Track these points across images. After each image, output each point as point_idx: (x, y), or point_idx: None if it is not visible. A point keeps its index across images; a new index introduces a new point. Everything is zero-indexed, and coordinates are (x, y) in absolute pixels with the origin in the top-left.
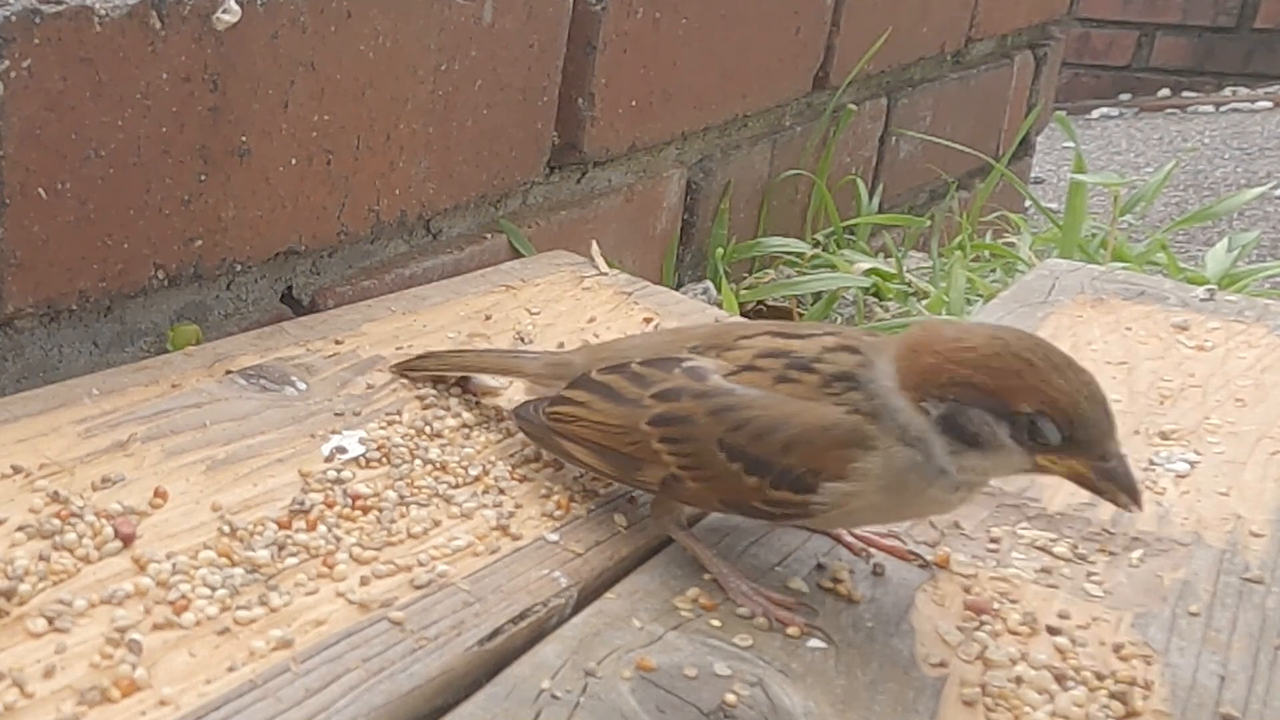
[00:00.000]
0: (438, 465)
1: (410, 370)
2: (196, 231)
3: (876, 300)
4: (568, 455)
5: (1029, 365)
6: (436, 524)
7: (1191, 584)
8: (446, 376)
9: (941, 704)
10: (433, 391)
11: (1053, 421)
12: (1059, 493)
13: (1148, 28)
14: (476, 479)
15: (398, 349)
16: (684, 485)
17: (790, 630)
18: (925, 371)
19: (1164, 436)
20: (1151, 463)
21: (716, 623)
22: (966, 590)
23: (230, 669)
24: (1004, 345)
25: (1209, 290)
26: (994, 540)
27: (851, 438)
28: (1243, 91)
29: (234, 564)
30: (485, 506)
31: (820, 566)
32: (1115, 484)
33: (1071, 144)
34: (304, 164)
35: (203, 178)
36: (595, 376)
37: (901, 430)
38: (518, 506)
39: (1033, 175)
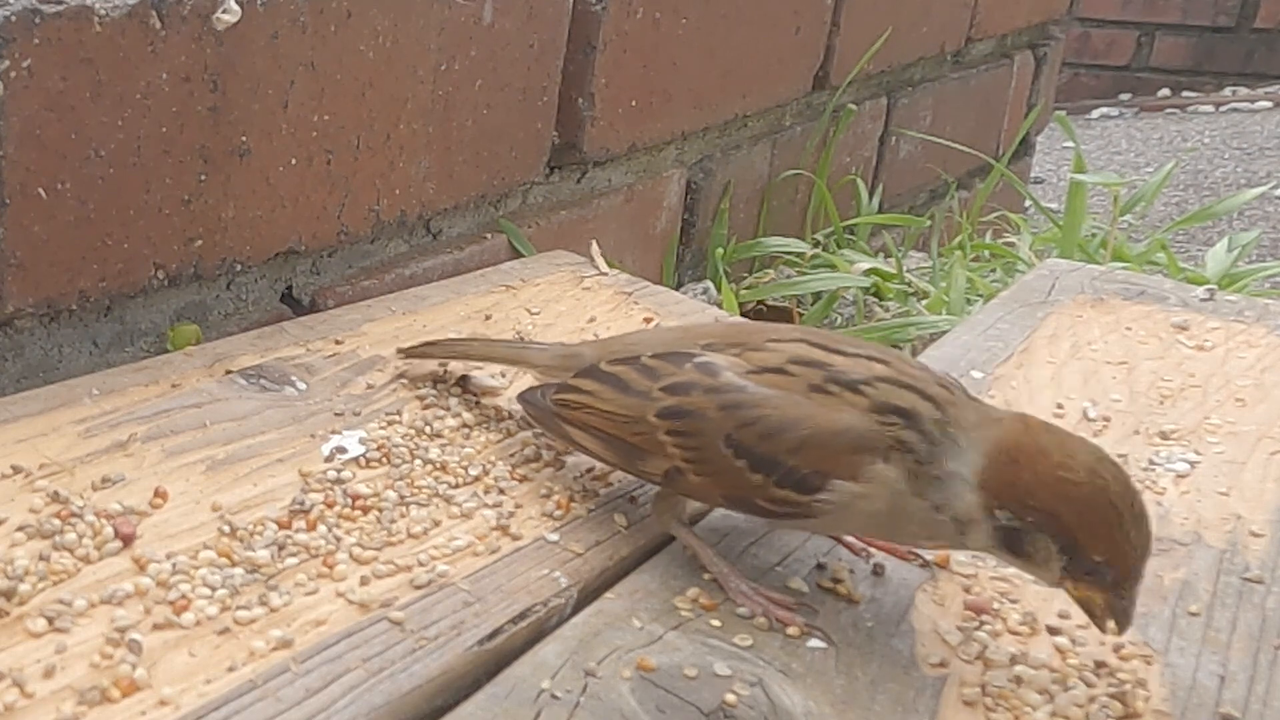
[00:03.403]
0: (438, 465)
1: (416, 355)
2: (196, 231)
3: (876, 300)
4: (571, 441)
5: (1118, 518)
6: (436, 524)
7: (1191, 584)
8: (447, 377)
9: (941, 704)
10: (433, 391)
11: (1114, 570)
12: None
13: (1148, 28)
14: (476, 479)
15: (398, 350)
16: (686, 478)
17: (790, 630)
18: (1018, 485)
19: (1164, 436)
20: (1151, 463)
21: (716, 623)
22: (966, 590)
23: (230, 669)
24: (1104, 490)
25: (1209, 290)
26: None
27: (864, 442)
28: (1243, 91)
29: (234, 564)
30: (485, 506)
31: (820, 566)
32: (1116, 616)
33: (1071, 144)
34: (304, 164)
35: (203, 178)
36: (605, 367)
37: (941, 503)
38: (518, 506)
39: (1033, 175)
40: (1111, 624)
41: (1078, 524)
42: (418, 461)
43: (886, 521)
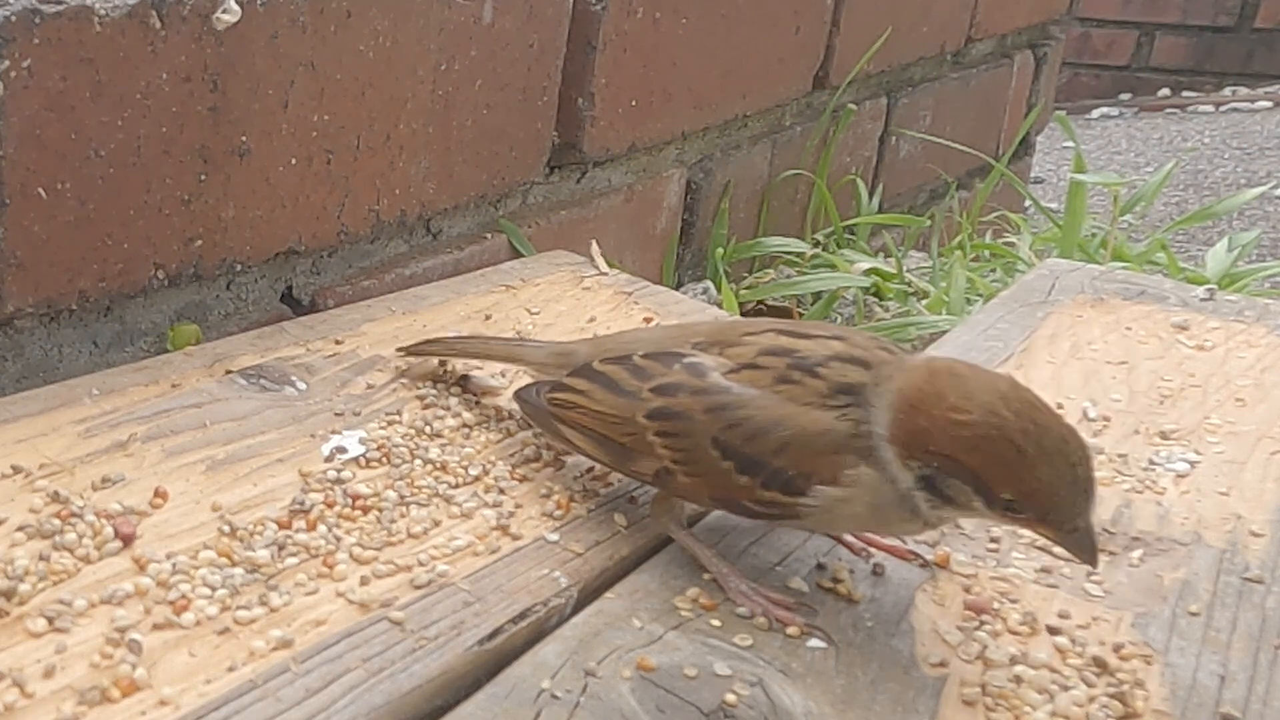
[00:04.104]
0: (438, 465)
1: (416, 353)
2: (196, 231)
3: (876, 300)
4: (565, 440)
5: (1017, 453)
6: (436, 524)
7: (1191, 584)
8: (446, 377)
9: (941, 704)
10: (433, 391)
11: (1028, 506)
12: None
13: (1148, 28)
14: (476, 479)
15: (398, 349)
16: (676, 479)
17: (790, 630)
18: (916, 433)
19: (1164, 436)
20: (1151, 463)
21: (716, 623)
22: (966, 590)
23: (230, 669)
24: (998, 426)
25: (1209, 290)
26: (994, 540)
27: (846, 445)
28: (1243, 91)
29: (234, 564)
30: (485, 506)
31: (820, 566)
32: (1076, 549)
33: (1071, 144)
34: (304, 164)
35: (203, 178)
36: (597, 367)
37: (885, 469)
38: (518, 506)
39: (1033, 175)
40: (1082, 558)
41: (977, 464)
42: (418, 461)
43: (869, 519)
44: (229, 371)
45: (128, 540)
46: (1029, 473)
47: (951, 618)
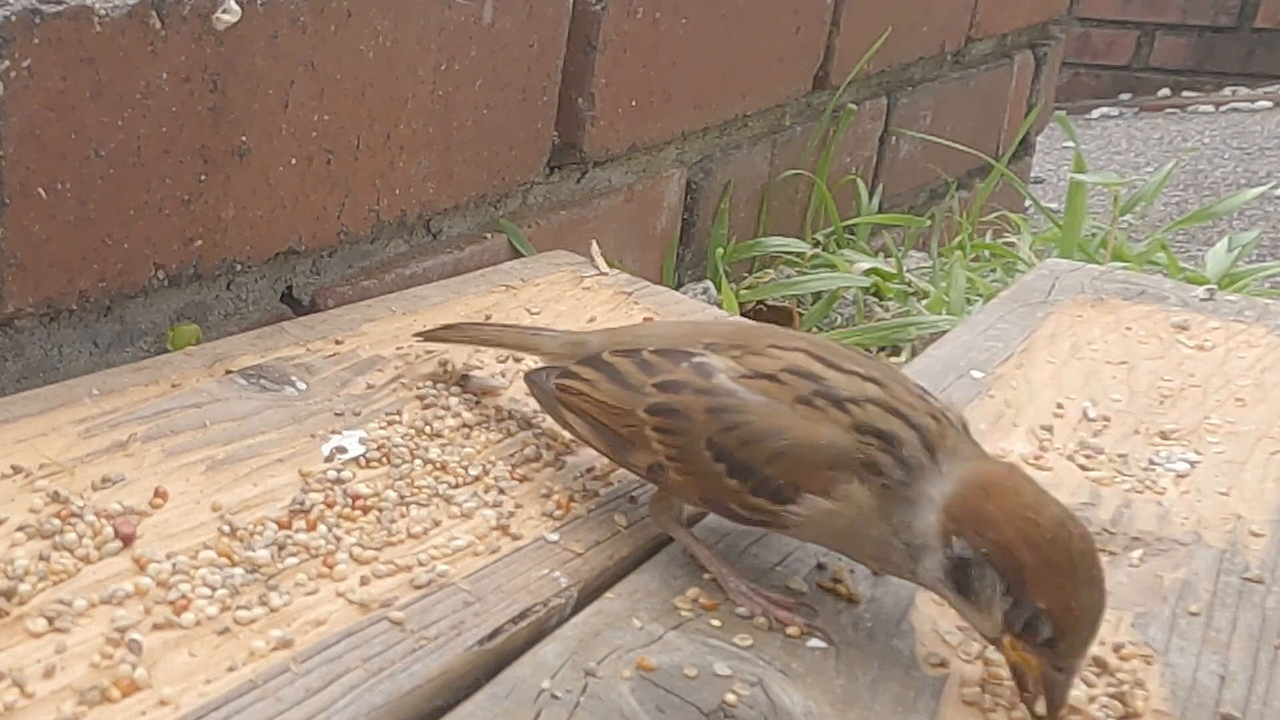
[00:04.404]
0: (438, 465)
1: (433, 339)
2: (196, 231)
3: (876, 300)
4: (567, 425)
5: (1071, 569)
6: (436, 524)
7: (1191, 584)
8: (446, 377)
9: (942, 704)
10: (433, 391)
11: (1051, 627)
12: (1059, 492)
13: (1148, 27)
14: (476, 479)
15: (398, 349)
16: (668, 475)
17: (790, 630)
18: (980, 516)
19: (1164, 436)
20: (1151, 463)
21: (716, 623)
22: None
23: (230, 669)
24: (1065, 539)
25: (1209, 290)
26: None
27: (841, 461)
28: (1243, 91)
29: (234, 564)
30: (485, 506)
31: (820, 566)
32: (1049, 691)
33: (1071, 144)
34: (304, 164)
35: (203, 178)
36: (606, 358)
37: (904, 528)
38: (518, 506)
39: (1033, 175)
40: (1040, 705)
41: (1029, 562)
42: (418, 461)
43: (845, 539)
44: (229, 371)
45: (128, 540)
46: (1072, 591)
47: (952, 618)
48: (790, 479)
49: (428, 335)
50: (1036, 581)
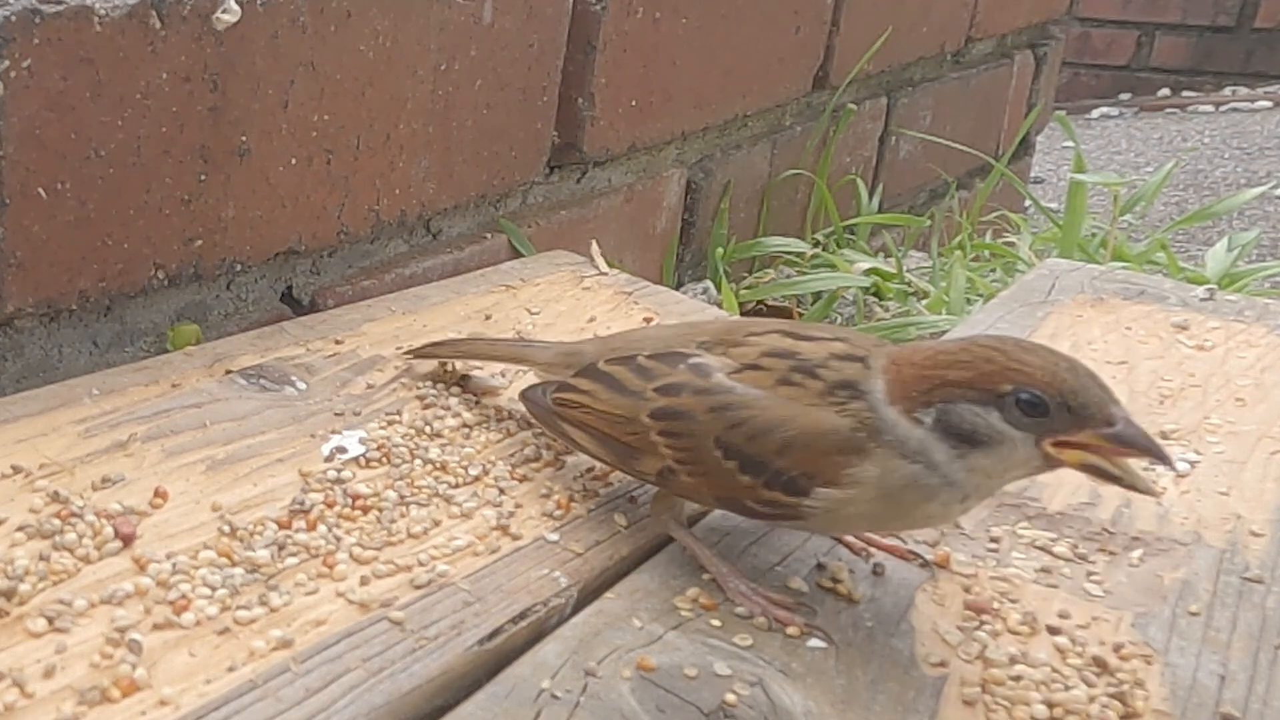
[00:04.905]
0: (438, 465)
1: (421, 355)
2: (196, 231)
3: (876, 300)
4: (570, 440)
5: (999, 352)
6: (436, 524)
7: (1191, 584)
8: (446, 377)
9: (942, 703)
10: (433, 391)
11: (1037, 393)
12: (1059, 492)
13: (1148, 27)
14: (476, 479)
15: (398, 349)
16: (679, 479)
17: (790, 630)
18: (908, 383)
19: (1164, 436)
20: (1151, 462)
21: (716, 622)
22: (966, 590)
23: (230, 669)
24: (972, 344)
25: (1209, 290)
26: (994, 540)
27: (848, 444)
28: (1243, 91)
29: (234, 564)
30: (485, 506)
31: (820, 566)
32: (1133, 447)
33: (1071, 144)
34: (304, 164)
35: (203, 178)
36: (602, 367)
37: (901, 444)
38: (518, 506)
39: (1033, 175)
40: (1138, 477)
41: (966, 373)
42: (418, 461)
43: (883, 512)
44: (229, 371)
45: (128, 540)
46: (1017, 361)
47: (951, 618)
48: (802, 469)
49: (416, 351)
50: (983, 378)
